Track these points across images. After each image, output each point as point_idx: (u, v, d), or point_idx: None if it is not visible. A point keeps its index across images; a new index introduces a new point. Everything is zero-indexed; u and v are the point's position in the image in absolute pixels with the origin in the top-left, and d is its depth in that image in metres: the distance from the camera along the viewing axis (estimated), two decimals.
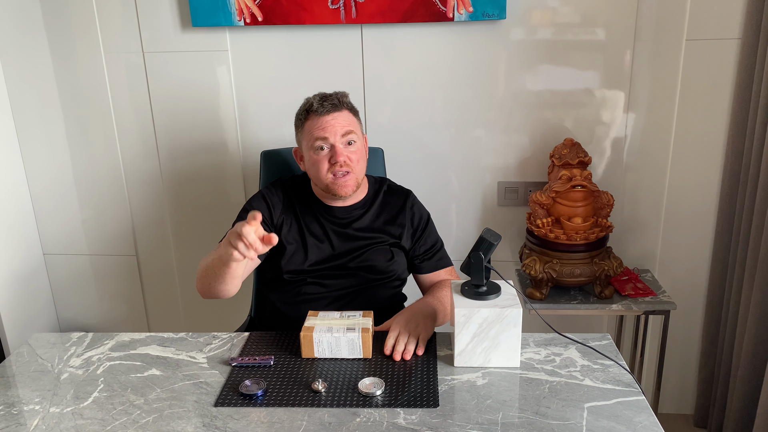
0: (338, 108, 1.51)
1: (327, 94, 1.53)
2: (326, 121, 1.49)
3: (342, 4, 1.87)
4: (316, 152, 1.50)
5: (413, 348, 1.29)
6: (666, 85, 1.91)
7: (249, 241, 1.18)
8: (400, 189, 1.67)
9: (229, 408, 1.14)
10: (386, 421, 1.09)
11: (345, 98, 1.55)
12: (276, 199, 1.59)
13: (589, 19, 1.87)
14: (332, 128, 1.48)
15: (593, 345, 1.30)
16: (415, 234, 1.62)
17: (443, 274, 1.63)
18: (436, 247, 1.64)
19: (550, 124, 1.98)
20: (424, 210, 1.66)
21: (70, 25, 2.01)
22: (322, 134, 1.48)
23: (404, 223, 1.61)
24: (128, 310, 2.33)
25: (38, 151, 2.17)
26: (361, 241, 1.56)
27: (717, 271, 2.01)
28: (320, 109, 1.49)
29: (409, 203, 1.63)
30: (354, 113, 1.56)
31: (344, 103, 1.53)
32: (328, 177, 1.49)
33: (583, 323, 2.16)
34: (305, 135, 1.53)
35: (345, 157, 1.48)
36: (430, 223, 1.66)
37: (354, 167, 1.50)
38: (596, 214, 1.85)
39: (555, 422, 1.07)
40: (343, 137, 1.49)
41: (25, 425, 1.12)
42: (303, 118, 1.54)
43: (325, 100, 1.51)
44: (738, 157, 1.88)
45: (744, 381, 1.81)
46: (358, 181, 1.53)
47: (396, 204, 1.63)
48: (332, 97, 1.52)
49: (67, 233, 2.26)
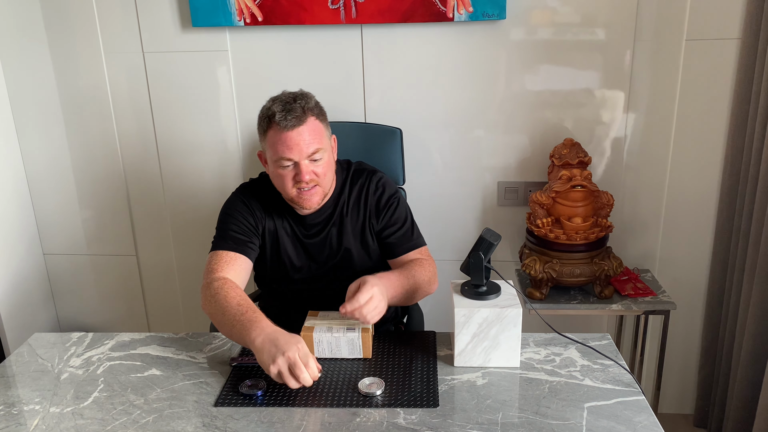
0: (302, 120, 1.40)
1: (289, 102, 1.41)
2: (290, 138, 1.39)
3: (342, 4, 1.87)
4: (281, 168, 1.42)
5: (369, 320, 1.26)
6: (666, 85, 1.91)
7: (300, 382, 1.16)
8: (363, 169, 1.59)
9: (229, 408, 1.14)
10: (386, 421, 1.09)
11: (309, 103, 1.43)
12: (256, 205, 1.53)
13: (589, 19, 1.87)
14: (297, 147, 1.39)
15: (593, 345, 1.30)
16: (381, 214, 1.55)
17: (414, 254, 1.55)
18: (405, 228, 1.56)
19: (550, 124, 1.98)
20: (391, 188, 1.57)
21: (70, 25, 2.01)
22: (286, 154, 1.39)
23: (371, 205, 1.54)
24: (128, 310, 2.33)
25: (38, 151, 2.17)
26: (336, 246, 1.53)
27: (717, 271, 2.01)
28: (283, 122, 1.39)
29: (373, 185, 1.55)
30: (320, 117, 1.46)
31: (308, 111, 1.42)
32: (293, 192, 1.43)
33: (583, 323, 2.16)
34: (268, 146, 1.44)
35: (311, 175, 1.41)
36: (400, 202, 1.57)
37: (321, 180, 1.44)
38: (596, 214, 1.85)
39: (555, 422, 1.07)
40: (308, 156, 1.41)
41: (25, 425, 1.12)
42: (265, 126, 1.44)
43: (289, 112, 1.39)
44: (738, 157, 1.88)
45: (744, 381, 1.81)
46: (326, 192, 1.48)
47: (362, 187, 1.55)
48: (296, 108, 1.40)
49: (67, 233, 2.26)
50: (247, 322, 1.25)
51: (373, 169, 1.60)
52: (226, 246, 1.47)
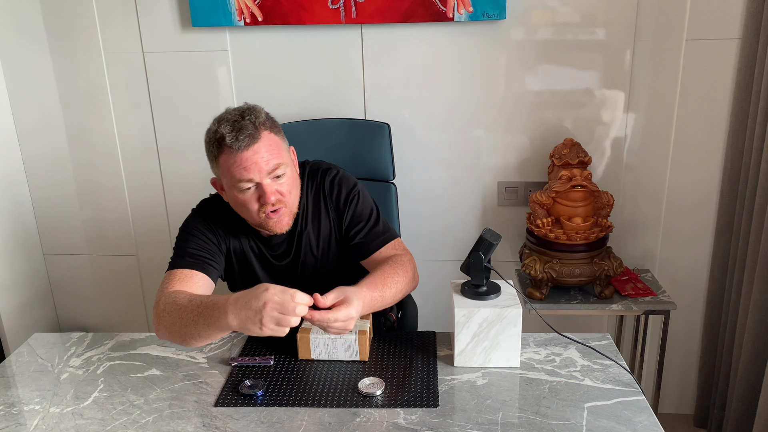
0: (256, 137, 1.27)
1: (237, 120, 1.28)
2: (246, 158, 1.26)
3: (342, 4, 1.87)
4: (241, 192, 1.30)
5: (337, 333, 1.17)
6: (666, 85, 1.91)
7: (288, 323, 1.07)
8: (317, 169, 1.46)
9: (229, 408, 1.14)
10: (386, 421, 1.09)
11: (259, 118, 1.30)
12: (218, 223, 1.41)
13: (589, 19, 1.87)
14: (255, 167, 1.27)
15: (593, 345, 1.30)
16: (344, 215, 1.43)
17: (387, 250, 1.42)
18: (371, 222, 1.43)
19: (550, 124, 1.98)
20: (348, 183, 1.44)
21: (70, 25, 2.01)
22: (245, 176, 1.27)
23: (331, 208, 1.43)
24: (128, 310, 2.33)
25: (38, 151, 2.17)
26: (310, 265, 1.44)
27: (717, 271, 2.01)
28: (235, 144, 1.26)
29: (327, 185, 1.43)
30: (274, 130, 1.33)
31: (261, 126, 1.29)
32: (260, 216, 1.32)
33: (583, 323, 2.16)
34: (223, 172, 1.31)
35: (276, 195, 1.30)
36: (360, 196, 1.44)
37: (287, 200, 1.32)
38: (596, 214, 1.85)
39: (555, 422, 1.07)
40: (270, 174, 1.29)
41: (25, 425, 1.12)
42: (215, 151, 1.31)
43: (240, 131, 1.27)
44: (738, 157, 1.88)
45: (744, 381, 1.81)
46: (293, 211, 1.37)
47: (318, 190, 1.44)
48: (246, 125, 1.27)
49: (67, 233, 2.26)
50: (206, 309, 1.15)
51: (327, 166, 1.47)
52: (183, 264, 1.35)
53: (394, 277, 1.32)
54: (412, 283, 1.38)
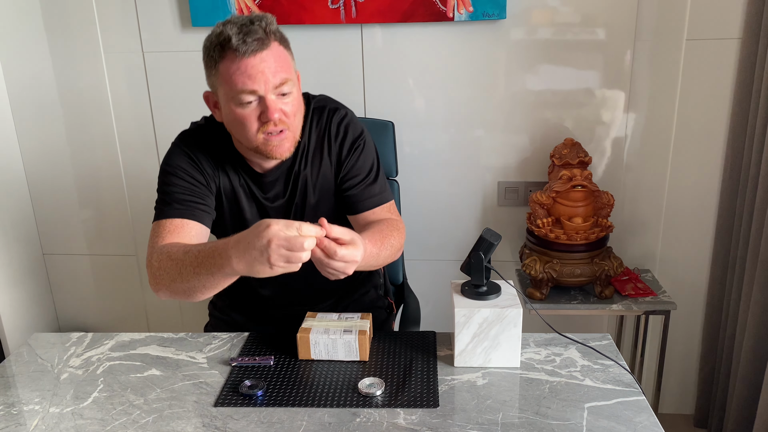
0: (265, 44, 1.14)
1: (247, 25, 1.15)
2: (252, 66, 1.13)
3: (342, 3, 1.87)
4: (241, 107, 1.17)
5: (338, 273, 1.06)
6: (666, 85, 1.91)
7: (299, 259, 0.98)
8: (324, 106, 1.33)
9: (229, 408, 1.14)
10: (386, 421, 1.09)
11: (271, 25, 1.17)
12: (204, 158, 1.28)
13: (589, 18, 1.87)
14: (262, 76, 1.14)
15: (593, 345, 1.30)
16: (344, 163, 1.31)
17: (381, 212, 1.32)
18: (370, 178, 1.32)
19: (550, 124, 1.98)
20: (356, 129, 1.33)
21: (70, 25, 2.01)
22: (248, 85, 1.14)
23: (333, 152, 1.31)
24: (128, 310, 2.33)
25: (38, 151, 2.17)
26: (301, 209, 1.33)
27: (717, 271, 2.01)
28: (242, 47, 1.12)
29: (334, 127, 1.31)
30: (284, 44, 1.20)
31: (272, 33, 1.17)
32: (259, 138, 1.18)
33: (583, 323, 2.16)
34: (222, 80, 1.18)
35: (280, 113, 1.17)
36: (365, 147, 1.33)
37: (290, 123, 1.19)
38: (596, 214, 1.85)
39: (555, 422, 1.07)
40: (276, 88, 1.16)
41: (25, 425, 1.12)
42: (216, 56, 1.17)
43: (248, 35, 1.13)
44: (738, 157, 1.88)
45: (744, 381, 1.81)
46: (296, 137, 1.23)
47: (323, 130, 1.31)
48: (256, 29, 1.14)
49: (67, 233, 2.26)
50: (206, 258, 1.07)
51: (335, 105, 1.35)
52: (171, 212, 1.23)
53: (390, 239, 1.24)
54: (399, 252, 1.32)
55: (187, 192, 1.26)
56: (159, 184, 1.28)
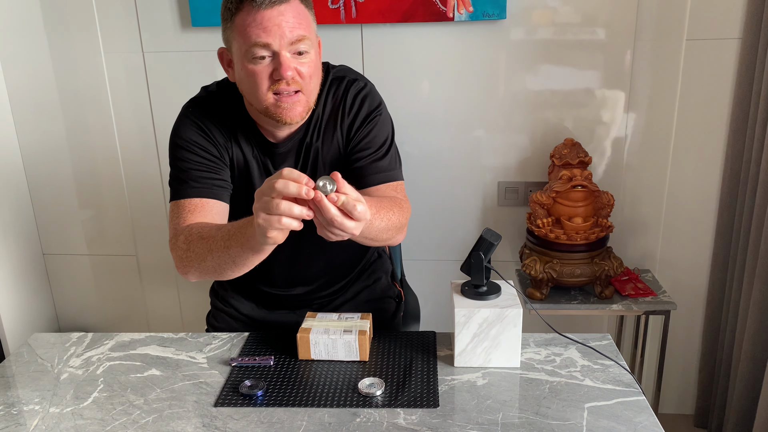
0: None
1: None
2: (268, 18, 1.07)
3: (342, 3, 1.87)
4: (253, 62, 1.11)
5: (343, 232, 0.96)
6: (666, 85, 1.91)
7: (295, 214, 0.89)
8: (343, 77, 1.27)
9: (229, 408, 1.14)
10: (386, 421, 1.09)
11: None
12: (215, 128, 1.21)
13: (589, 18, 1.87)
14: (278, 29, 1.08)
15: (593, 345, 1.30)
16: (355, 134, 1.24)
17: (387, 189, 1.24)
18: (380, 152, 1.25)
19: (550, 124, 1.98)
20: (372, 101, 1.26)
21: (70, 25, 2.01)
22: (262, 38, 1.08)
23: (346, 125, 1.24)
24: (128, 310, 2.33)
25: (38, 151, 2.17)
26: None
27: (717, 271, 2.01)
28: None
29: (350, 98, 1.24)
30: (307, 3, 1.15)
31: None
32: (269, 98, 1.12)
33: (584, 323, 2.16)
34: (237, 33, 1.11)
35: (293, 72, 1.10)
36: (381, 120, 1.26)
37: (305, 85, 1.13)
38: (596, 214, 1.85)
39: (555, 422, 1.07)
40: (292, 45, 1.10)
41: (25, 425, 1.12)
42: (233, 7, 1.11)
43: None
44: (738, 157, 1.88)
45: (744, 381, 1.81)
46: (310, 103, 1.17)
47: (338, 101, 1.24)
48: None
49: (66, 233, 2.26)
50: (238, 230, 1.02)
51: (354, 76, 1.28)
52: (189, 192, 1.18)
53: (388, 213, 1.13)
54: (400, 232, 1.22)
55: (202, 168, 1.20)
56: (171, 158, 1.22)
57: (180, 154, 1.21)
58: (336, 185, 0.92)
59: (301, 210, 0.91)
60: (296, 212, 0.91)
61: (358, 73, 1.32)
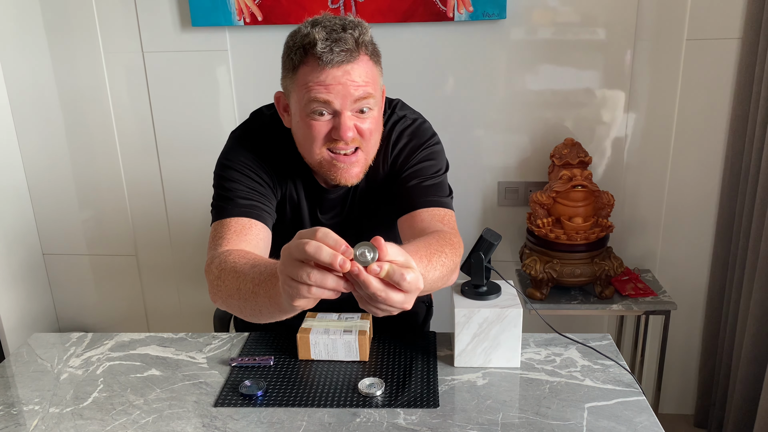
0: (353, 57, 1.02)
1: (337, 31, 1.03)
2: (334, 77, 1.02)
3: (342, 3, 1.87)
4: (312, 117, 1.05)
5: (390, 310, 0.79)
6: (666, 85, 1.91)
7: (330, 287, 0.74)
8: (399, 115, 1.20)
9: (229, 408, 1.14)
10: (386, 422, 1.09)
11: (363, 36, 1.05)
12: (269, 159, 1.14)
13: (589, 18, 1.87)
14: (342, 89, 1.02)
15: (593, 345, 1.30)
16: (397, 164, 1.16)
17: (435, 216, 1.12)
18: (433, 180, 1.16)
19: (550, 124, 1.98)
20: (422, 136, 1.18)
21: (70, 25, 2.01)
22: (324, 95, 1.02)
23: (396, 165, 1.16)
24: (128, 310, 2.33)
25: (38, 151, 2.17)
26: (357, 228, 1.19)
27: (717, 271, 2.01)
28: (326, 56, 1.00)
29: (395, 135, 1.16)
30: (375, 58, 1.10)
31: (363, 45, 1.05)
32: (324, 153, 1.06)
33: (584, 323, 2.16)
34: (298, 86, 1.05)
35: (354, 132, 1.05)
36: (427, 151, 1.17)
37: (365, 144, 1.06)
38: (597, 214, 1.85)
39: (555, 422, 1.07)
40: (355, 103, 1.04)
41: (25, 425, 1.11)
42: (297, 59, 1.05)
43: (336, 43, 1.01)
44: (738, 157, 1.88)
45: (744, 381, 1.81)
46: (368, 161, 1.10)
47: (388, 143, 1.16)
48: (346, 38, 1.02)
49: (66, 233, 2.26)
50: (268, 278, 0.88)
51: (402, 113, 1.21)
52: (234, 210, 1.10)
53: (440, 256, 0.99)
54: (453, 274, 1.08)
55: (251, 190, 1.13)
56: (217, 180, 1.15)
57: (229, 174, 1.14)
58: (377, 253, 0.75)
59: (337, 283, 0.75)
60: (330, 285, 0.74)
61: (410, 109, 1.25)
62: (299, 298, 0.76)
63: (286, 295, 0.78)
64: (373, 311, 0.80)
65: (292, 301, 0.77)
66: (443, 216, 1.15)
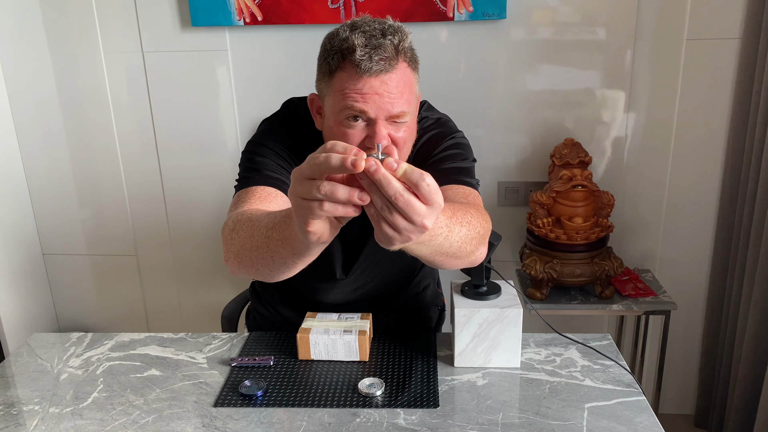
0: (392, 64, 1.00)
1: (377, 37, 1.00)
2: (371, 87, 1.00)
3: (342, 3, 1.87)
4: (346, 123, 1.04)
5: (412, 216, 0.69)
6: (666, 85, 1.91)
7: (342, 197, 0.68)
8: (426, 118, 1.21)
9: (229, 408, 1.14)
10: (386, 422, 1.09)
11: (403, 43, 1.04)
12: (299, 149, 1.13)
13: (589, 18, 1.87)
14: (378, 99, 1.00)
15: (594, 345, 1.30)
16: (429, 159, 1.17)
17: (460, 192, 1.09)
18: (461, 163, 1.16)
19: (550, 124, 1.98)
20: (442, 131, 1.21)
21: (70, 25, 2.01)
22: (360, 105, 1.00)
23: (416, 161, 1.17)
24: (128, 310, 2.33)
25: (38, 151, 2.17)
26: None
27: (717, 271, 2.01)
28: (365, 64, 0.98)
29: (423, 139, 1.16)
30: (413, 65, 1.09)
31: (402, 52, 1.04)
32: None
33: (584, 323, 2.16)
34: (333, 92, 1.04)
35: (388, 141, 1.03)
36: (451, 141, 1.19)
37: (398, 152, 1.05)
38: (597, 214, 1.85)
39: (555, 422, 1.07)
40: (390, 116, 1.04)
41: (25, 425, 1.11)
42: (334, 63, 1.03)
43: (376, 50, 0.99)
44: (738, 157, 1.88)
45: (744, 381, 1.81)
46: None
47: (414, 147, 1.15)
48: (385, 45, 1.00)
49: (66, 233, 2.26)
50: (283, 218, 0.84)
51: (423, 114, 1.23)
52: (260, 180, 1.08)
53: (466, 215, 0.94)
54: (483, 244, 1.02)
55: (281, 167, 1.11)
56: (245, 156, 1.12)
57: (259, 150, 1.12)
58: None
59: (350, 192, 0.68)
60: (341, 195, 0.68)
61: (434, 109, 1.26)
62: (312, 219, 0.71)
63: (299, 221, 0.73)
64: (389, 233, 0.71)
65: (306, 226, 0.71)
66: (468, 194, 1.10)
